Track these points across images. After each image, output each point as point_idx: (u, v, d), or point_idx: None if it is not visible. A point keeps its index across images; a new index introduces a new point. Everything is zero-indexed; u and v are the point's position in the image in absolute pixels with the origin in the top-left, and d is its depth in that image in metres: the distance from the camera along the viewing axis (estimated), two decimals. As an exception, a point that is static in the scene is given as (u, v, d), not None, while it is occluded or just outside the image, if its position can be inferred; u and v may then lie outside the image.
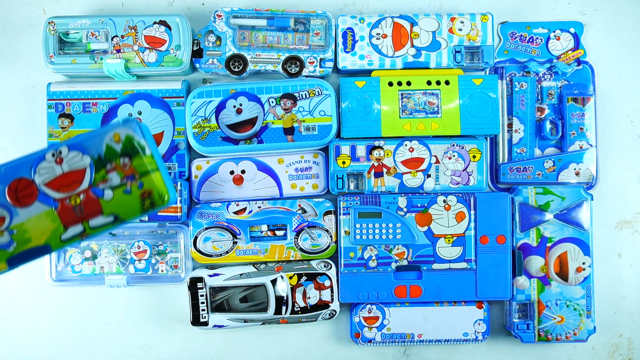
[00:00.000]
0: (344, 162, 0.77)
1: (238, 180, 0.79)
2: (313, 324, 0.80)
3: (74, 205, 0.39)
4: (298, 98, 0.77)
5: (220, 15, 0.78)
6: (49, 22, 0.77)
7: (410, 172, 0.78)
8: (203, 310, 0.77)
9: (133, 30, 0.77)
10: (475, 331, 0.78)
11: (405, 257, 0.78)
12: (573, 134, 0.79)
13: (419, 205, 0.77)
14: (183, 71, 0.79)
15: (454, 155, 0.78)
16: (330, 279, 0.77)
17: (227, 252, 0.78)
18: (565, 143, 0.80)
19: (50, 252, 0.40)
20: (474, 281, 0.78)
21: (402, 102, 0.77)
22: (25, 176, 0.39)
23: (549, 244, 0.78)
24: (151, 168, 0.39)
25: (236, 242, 0.78)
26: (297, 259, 0.79)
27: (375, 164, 0.78)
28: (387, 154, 0.78)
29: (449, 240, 0.78)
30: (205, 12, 0.82)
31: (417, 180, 0.78)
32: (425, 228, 0.78)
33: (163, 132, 0.78)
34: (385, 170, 0.78)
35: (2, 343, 0.82)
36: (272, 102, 0.77)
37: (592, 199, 0.79)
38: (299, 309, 0.77)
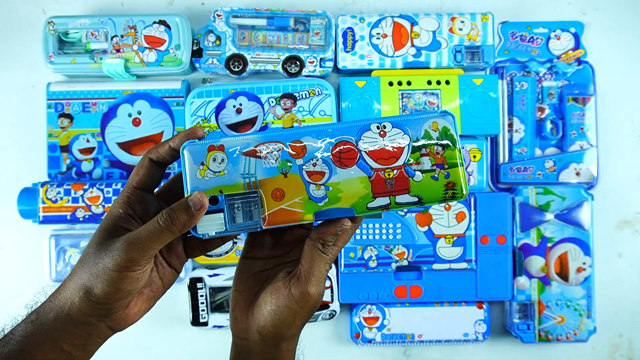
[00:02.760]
0: (344, 162, 0.77)
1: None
2: (313, 324, 0.80)
3: (386, 178, 0.41)
4: (298, 98, 0.77)
5: (220, 15, 0.78)
6: (49, 22, 0.77)
7: (410, 172, 0.78)
8: (203, 310, 0.77)
9: (133, 30, 0.77)
10: (476, 331, 0.78)
11: (405, 257, 0.78)
12: (573, 133, 0.79)
13: (419, 205, 0.77)
14: (183, 71, 0.78)
15: (454, 155, 0.78)
16: (330, 279, 0.77)
17: (227, 252, 0.78)
18: (565, 143, 0.79)
19: (353, 215, 0.42)
20: (474, 281, 0.78)
21: (402, 102, 0.77)
22: (350, 139, 0.41)
23: (549, 244, 0.78)
24: (459, 162, 0.42)
25: (236, 242, 0.78)
26: (297, 259, 0.79)
27: (376, 164, 0.78)
28: (387, 154, 0.77)
29: (449, 241, 0.78)
30: (205, 12, 0.82)
31: (417, 180, 0.78)
32: (426, 228, 0.77)
33: (163, 132, 0.78)
34: (385, 170, 0.78)
35: (1, 343, 0.82)
36: (272, 102, 0.77)
37: (592, 199, 0.78)
38: (299, 309, 0.77)
